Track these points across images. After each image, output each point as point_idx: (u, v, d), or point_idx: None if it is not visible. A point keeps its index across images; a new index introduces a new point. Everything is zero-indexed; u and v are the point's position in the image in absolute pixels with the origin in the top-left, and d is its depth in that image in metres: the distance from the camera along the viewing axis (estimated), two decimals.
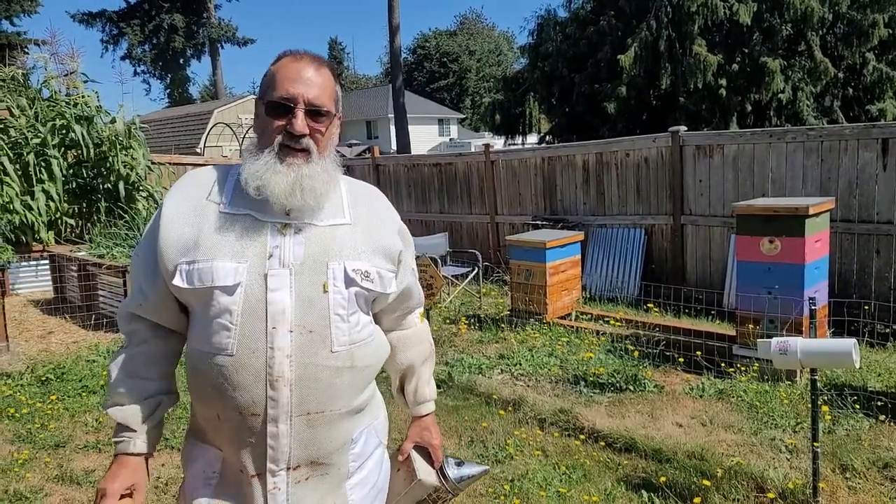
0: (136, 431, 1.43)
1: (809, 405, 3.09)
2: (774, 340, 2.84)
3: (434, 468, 1.72)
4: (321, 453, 1.40)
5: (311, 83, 1.38)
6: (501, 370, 5.06)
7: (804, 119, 14.37)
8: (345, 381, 1.40)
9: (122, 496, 1.40)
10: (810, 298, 3.16)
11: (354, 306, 1.42)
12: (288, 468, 1.37)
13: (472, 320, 6.36)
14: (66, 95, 9.36)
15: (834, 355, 2.79)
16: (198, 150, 23.12)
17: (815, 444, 2.98)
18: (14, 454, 3.78)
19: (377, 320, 1.58)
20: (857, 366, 2.75)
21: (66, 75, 9.76)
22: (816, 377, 2.99)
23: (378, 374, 1.56)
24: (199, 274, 1.34)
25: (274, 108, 1.38)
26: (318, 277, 1.37)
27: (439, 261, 6.97)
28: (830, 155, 6.20)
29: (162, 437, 1.56)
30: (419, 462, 1.71)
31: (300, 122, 1.36)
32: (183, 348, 1.51)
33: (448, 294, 7.17)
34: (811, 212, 4.41)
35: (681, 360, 4.85)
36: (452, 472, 1.73)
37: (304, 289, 1.35)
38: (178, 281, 1.36)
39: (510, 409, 4.24)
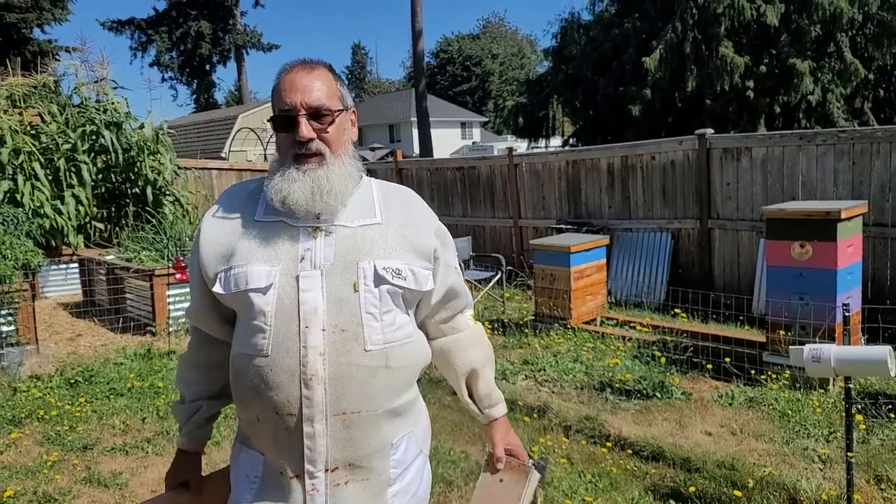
0: (182, 429, 1.61)
1: (843, 414, 3.01)
2: (807, 348, 2.77)
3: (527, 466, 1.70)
4: (359, 455, 1.40)
5: (306, 88, 1.41)
6: (525, 376, 5.02)
7: (834, 121, 14.14)
8: (381, 381, 1.40)
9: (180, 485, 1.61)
10: (844, 304, 3.08)
11: (389, 305, 1.43)
12: (326, 470, 1.38)
13: (496, 325, 6.32)
14: (96, 102, 9.50)
15: (869, 363, 2.70)
16: (223, 155, 23.35)
17: (849, 454, 2.90)
18: (43, 456, 3.83)
19: (424, 328, 1.60)
20: (893, 373, 2.67)
21: (96, 82, 9.89)
22: (851, 385, 2.92)
23: (427, 385, 1.55)
24: (235, 279, 1.40)
25: (279, 123, 1.43)
26: (348, 277, 1.39)
27: (462, 265, 6.95)
28: (862, 158, 6.08)
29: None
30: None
31: (304, 128, 1.40)
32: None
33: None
34: (843, 216, 4.31)
35: (709, 366, 4.77)
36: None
37: (335, 289, 1.38)
38: (217, 288, 1.43)
39: (535, 415, 4.20)
